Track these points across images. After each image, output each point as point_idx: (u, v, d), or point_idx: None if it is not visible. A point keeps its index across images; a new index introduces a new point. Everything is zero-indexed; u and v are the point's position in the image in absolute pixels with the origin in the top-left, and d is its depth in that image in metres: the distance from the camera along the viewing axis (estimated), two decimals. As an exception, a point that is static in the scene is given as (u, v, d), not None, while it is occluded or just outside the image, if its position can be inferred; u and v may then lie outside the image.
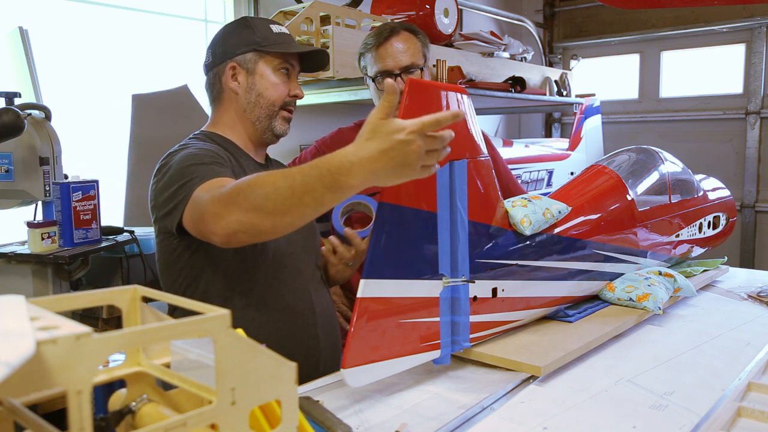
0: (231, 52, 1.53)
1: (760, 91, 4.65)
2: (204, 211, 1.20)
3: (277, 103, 1.54)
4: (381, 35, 1.91)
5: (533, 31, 4.77)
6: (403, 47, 1.89)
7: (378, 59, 1.90)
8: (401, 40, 1.90)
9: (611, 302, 1.64)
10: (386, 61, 1.89)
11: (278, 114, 1.55)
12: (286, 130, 1.59)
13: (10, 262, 2.00)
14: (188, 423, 0.57)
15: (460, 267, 1.24)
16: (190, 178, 1.30)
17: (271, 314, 1.47)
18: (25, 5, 2.43)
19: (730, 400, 1.11)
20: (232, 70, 1.53)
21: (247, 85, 1.53)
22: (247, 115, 1.55)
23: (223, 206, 1.14)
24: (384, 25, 2.02)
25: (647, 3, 4.52)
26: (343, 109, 3.25)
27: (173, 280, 1.47)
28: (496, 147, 2.34)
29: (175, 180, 1.34)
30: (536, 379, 1.22)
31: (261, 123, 1.55)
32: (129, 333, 0.54)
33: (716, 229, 2.18)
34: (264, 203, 1.09)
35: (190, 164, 1.34)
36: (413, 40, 1.92)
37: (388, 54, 1.89)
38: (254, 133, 1.56)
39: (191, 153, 1.39)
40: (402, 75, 1.88)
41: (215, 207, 1.16)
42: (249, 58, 1.52)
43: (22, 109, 1.96)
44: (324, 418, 0.94)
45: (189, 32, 3.07)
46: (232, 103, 1.56)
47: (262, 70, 1.53)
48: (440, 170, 1.20)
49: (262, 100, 1.53)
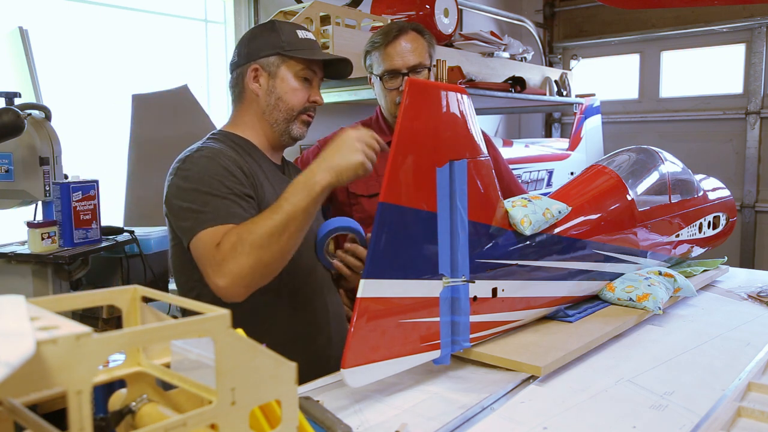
0: (255, 54, 1.54)
1: (760, 91, 4.65)
2: (209, 268, 1.32)
3: (296, 108, 1.55)
4: (389, 34, 1.92)
5: (533, 31, 4.77)
6: (411, 47, 1.90)
7: (386, 58, 1.91)
8: (409, 39, 1.91)
9: (611, 302, 1.64)
10: (394, 60, 1.90)
11: (297, 118, 1.57)
12: (303, 133, 1.60)
13: (10, 262, 2.00)
14: (188, 423, 0.57)
15: (460, 267, 1.24)
16: (203, 210, 1.36)
17: (287, 311, 1.50)
18: (25, 5, 2.43)
19: (730, 400, 1.11)
20: (254, 72, 1.54)
21: (268, 87, 1.54)
22: (266, 117, 1.56)
23: (230, 261, 1.28)
24: (392, 24, 2.03)
25: (647, 3, 4.52)
26: (344, 109, 3.25)
27: (188, 278, 1.49)
28: (496, 147, 2.34)
29: (190, 197, 1.39)
30: (536, 379, 1.22)
31: (279, 126, 1.56)
32: (129, 333, 0.54)
33: (716, 229, 2.18)
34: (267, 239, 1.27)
35: (206, 192, 1.38)
36: (421, 40, 1.93)
37: (396, 53, 1.90)
38: (272, 135, 1.58)
39: (210, 173, 1.40)
40: (409, 74, 1.89)
41: (222, 267, 1.29)
42: (272, 62, 1.53)
43: (22, 109, 1.97)
44: (324, 418, 0.94)
45: (189, 32, 3.07)
46: (252, 104, 1.57)
47: (284, 74, 1.53)
48: (440, 170, 1.20)
49: (282, 104, 1.54)
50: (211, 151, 1.44)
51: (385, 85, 1.93)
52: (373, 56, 1.95)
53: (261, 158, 1.56)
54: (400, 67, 1.89)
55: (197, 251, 1.35)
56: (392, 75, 1.90)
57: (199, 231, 1.34)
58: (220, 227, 1.33)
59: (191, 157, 1.44)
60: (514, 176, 2.31)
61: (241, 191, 1.41)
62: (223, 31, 3.19)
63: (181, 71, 2.95)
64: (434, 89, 1.22)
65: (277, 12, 2.81)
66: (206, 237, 1.33)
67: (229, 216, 1.35)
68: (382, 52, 1.91)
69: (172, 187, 1.43)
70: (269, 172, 1.56)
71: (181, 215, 1.39)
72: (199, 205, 1.36)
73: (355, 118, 2.23)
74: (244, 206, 1.39)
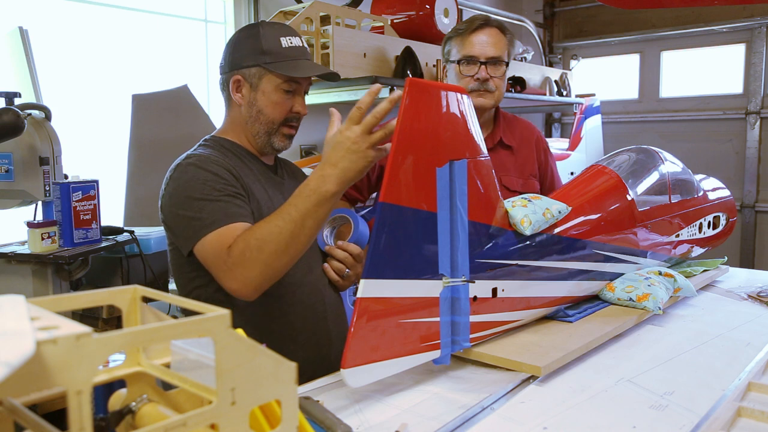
0: (237, 63, 1.53)
1: (760, 91, 4.65)
2: (219, 272, 1.34)
3: (277, 121, 1.54)
4: (474, 23, 1.97)
5: (533, 31, 4.77)
6: (492, 40, 1.95)
7: (466, 45, 1.95)
8: (491, 33, 1.96)
9: (611, 302, 1.64)
10: (474, 47, 1.94)
11: (278, 131, 1.56)
12: (286, 146, 1.59)
13: (10, 262, 2.00)
14: (188, 423, 0.57)
15: (460, 267, 1.24)
16: (199, 216, 1.38)
17: (284, 308, 1.51)
18: (25, 5, 2.43)
19: (730, 400, 1.11)
20: (236, 82, 1.54)
21: (250, 99, 1.54)
22: (248, 127, 1.56)
23: (240, 267, 1.30)
24: (477, 15, 2.07)
25: (647, 3, 4.52)
26: (344, 109, 3.24)
27: (188, 279, 1.50)
28: (552, 154, 2.31)
29: (184, 206, 1.40)
30: (536, 379, 1.22)
31: (260, 138, 1.56)
32: (129, 333, 0.54)
33: (716, 229, 2.18)
34: (277, 247, 1.29)
35: (199, 198, 1.39)
36: (502, 36, 1.98)
37: (478, 42, 1.94)
38: (255, 144, 1.59)
39: (200, 179, 1.41)
40: (487, 65, 1.93)
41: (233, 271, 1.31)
42: (253, 73, 1.52)
43: (22, 109, 1.97)
44: (324, 418, 0.94)
45: (189, 32, 3.07)
46: (236, 112, 1.58)
47: (265, 86, 1.52)
48: (440, 170, 1.20)
49: (262, 117, 1.54)
50: (198, 159, 1.46)
51: (461, 70, 1.96)
52: (453, 43, 1.99)
53: (251, 161, 1.57)
54: (479, 55, 1.94)
55: (204, 256, 1.37)
56: (470, 62, 1.94)
57: (202, 236, 1.36)
58: (225, 229, 1.35)
59: (180, 165, 1.47)
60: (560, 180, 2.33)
61: (233, 191, 1.42)
62: (223, 31, 3.19)
63: (181, 71, 2.95)
64: (434, 89, 1.22)
65: (277, 12, 2.81)
66: (212, 240, 1.35)
67: (228, 216, 1.37)
68: (465, 38, 1.96)
69: (165, 197, 1.46)
70: (260, 174, 1.56)
71: (178, 224, 1.42)
72: (194, 212, 1.38)
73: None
74: (240, 204, 1.41)
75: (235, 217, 1.37)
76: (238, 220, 1.37)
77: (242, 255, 1.30)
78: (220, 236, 1.34)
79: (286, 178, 1.67)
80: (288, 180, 1.67)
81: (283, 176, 1.66)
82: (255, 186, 1.51)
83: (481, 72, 1.93)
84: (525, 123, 2.19)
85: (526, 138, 2.15)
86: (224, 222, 1.36)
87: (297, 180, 1.73)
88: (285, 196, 1.57)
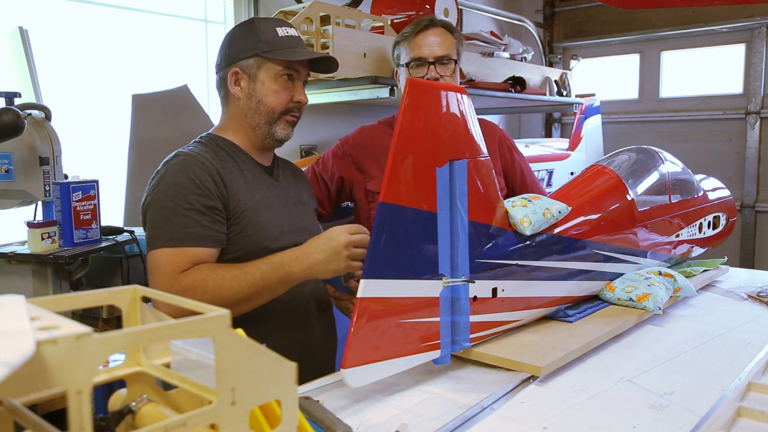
0: (234, 57, 1.53)
1: (760, 91, 4.65)
2: (162, 289, 1.31)
3: (277, 110, 1.54)
4: (419, 25, 1.97)
5: (533, 31, 4.77)
6: (439, 39, 1.95)
7: (414, 47, 1.95)
8: (438, 33, 1.96)
9: (611, 302, 1.64)
10: (422, 49, 1.94)
11: (279, 120, 1.55)
12: (288, 134, 1.58)
13: (10, 262, 2.00)
14: (188, 423, 0.57)
15: (460, 267, 1.24)
16: (161, 226, 1.39)
17: (267, 311, 1.49)
18: (25, 5, 2.43)
19: (730, 400, 1.11)
20: (234, 75, 1.53)
21: (249, 91, 1.53)
22: (248, 120, 1.55)
23: (185, 295, 1.31)
24: (423, 17, 2.06)
25: (647, 3, 4.51)
26: (344, 109, 3.25)
27: None
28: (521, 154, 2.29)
29: (154, 207, 1.42)
30: (536, 379, 1.22)
31: (261, 129, 1.55)
32: (129, 333, 0.54)
33: (716, 229, 2.18)
34: (228, 302, 1.30)
35: (167, 206, 1.40)
36: (449, 34, 1.98)
37: (425, 43, 1.94)
38: (255, 137, 1.57)
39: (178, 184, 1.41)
40: (435, 64, 1.93)
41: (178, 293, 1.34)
42: (251, 64, 1.51)
43: (22, 109, 1.96)
44: (324, 418, 0.93)
45: (189, 32, 3.07)
46: (235, 107, 1.56)
47: (264, 76, 1.51)
48: (440, 170, 1.20)
49: (262, 107, 1.53)
50: (185, 159, 1.46)
51: (411, 73, 1.96)
52: (402, 46, 1.99)
53: (245, 161, 1.56)
54: (427, 56, 1.93)
55: (153, 267, 1.40)
56: (419, 63, 1.94)
57: (157, 247, 1.39)
58: (182, 251, 1.37)
59: (167, 162, 1.48)
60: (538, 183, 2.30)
61: (204, 204, 1.42)
62: (223, 31, 3.19)
63: (181, 71, 2.95)
64: (434, 89, 1.22)
65: (278, 12, 2.81)
66: (166, 256, 1.37)
67: (184, 237, 1.39)
68: (411, 41, 1.96)
69: (147, 190, 1.48)
70: (251, 175, 1.55)
71: (145, 222, 1.45)
72: (160, 218, 1.40)
73: (355, 118, 2.23)
74: (205, 223, 1.41)
75: (195, 239, 1.39)
76: (197, 244, 1.39)
77: (194, 290, 1.33)
78: (176, 257, 1.37)
79: (283, 179, 1.65)
80: (286, 181, 1.66)
81: (278, 178, 1.64)
82: (241, 189, 1.50)
83: (430, 72, 1.93)
84: (486, 123, 2.18)
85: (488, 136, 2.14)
86: (181, 243, 1.38)
87: (298, 180, 1.73)
88: (279, 198, 1.56)
